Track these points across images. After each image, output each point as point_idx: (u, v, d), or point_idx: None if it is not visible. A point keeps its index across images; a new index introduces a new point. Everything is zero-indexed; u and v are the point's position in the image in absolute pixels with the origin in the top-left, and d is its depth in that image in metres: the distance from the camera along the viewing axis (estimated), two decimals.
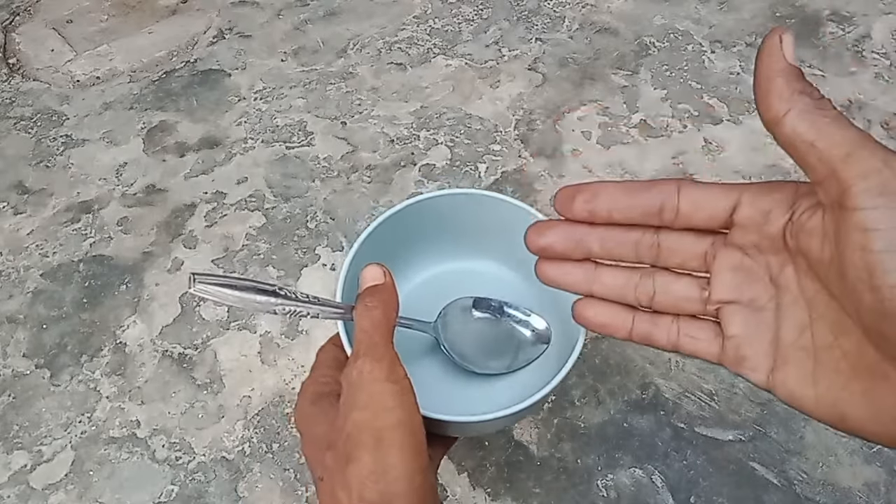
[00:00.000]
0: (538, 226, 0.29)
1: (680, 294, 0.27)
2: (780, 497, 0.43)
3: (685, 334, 0.27)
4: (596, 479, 0.45)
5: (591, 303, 0.29)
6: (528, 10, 0.79)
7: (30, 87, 0.75)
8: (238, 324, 0.53)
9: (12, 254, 0.59)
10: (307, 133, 0.67)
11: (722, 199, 0.25)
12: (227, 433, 0.48)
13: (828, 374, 0.23)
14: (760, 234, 0.24)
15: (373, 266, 0.31)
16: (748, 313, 0.25)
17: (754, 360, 0.25)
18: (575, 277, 0.29)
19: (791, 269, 0.24)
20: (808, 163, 0.21)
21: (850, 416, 0.22)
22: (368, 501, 0.25)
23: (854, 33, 0.73)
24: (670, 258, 0.27)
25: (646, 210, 0.26)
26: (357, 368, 0.27)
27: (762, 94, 0.22)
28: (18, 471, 0.47)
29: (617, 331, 0.28)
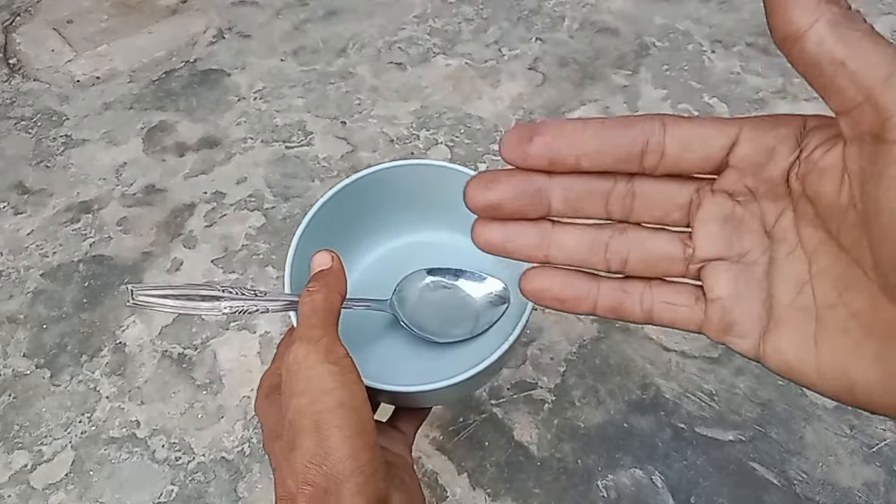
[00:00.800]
0: (483, 177, 0.22)
1: (659, 251, 0.22)
2: (780, 497, 0.43)
3: (660, 301, 0.23)
4: (596, 480, 0.45)
5: (543, 272, 0.23)
6: (528, 9, 0.79)
7: (30, 87, 0.75)
8: (238, 324, 0.53)
9: (12, 254, 0.59)
10: (307, 133, 0.67)
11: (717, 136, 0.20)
12: (226, 433, 0.48)
13: (833, 335, 0.19)
14: (758, 177, 0.21)
15: (321, 252, 0.31)
16: (737, 270, 0.21)
17: (743, 325, 0.21)
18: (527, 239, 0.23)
19: (790, 217, 0.20)
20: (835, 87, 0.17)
21: (859, 383, 0.19)
22: (313, 485, 0.25)
23: None
24: (646, 211, 0.22)
25: (624, 153, 0.21)
26: (293, 354, 0.27)
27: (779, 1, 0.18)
28: (19, 471, 0.47)
29: (579, 304, 0.23)
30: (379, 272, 0.41)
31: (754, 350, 0.21)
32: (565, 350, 0.50)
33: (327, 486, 0.25)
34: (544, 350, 0.50)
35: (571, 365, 0.50)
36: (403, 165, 0.38)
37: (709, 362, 0.49)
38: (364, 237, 0.41)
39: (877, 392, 0.19)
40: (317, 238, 0.35)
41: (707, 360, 0.49)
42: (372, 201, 0.39)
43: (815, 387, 0.20)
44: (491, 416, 0.48)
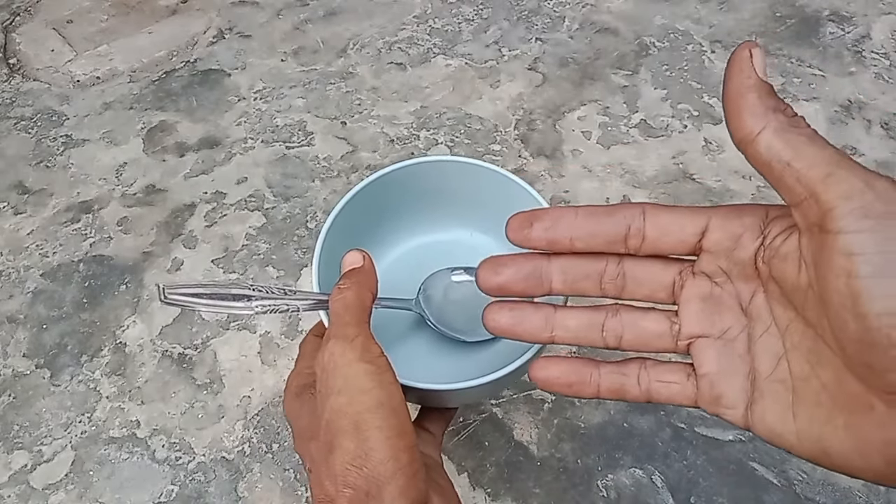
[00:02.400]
0: (491, 262, 0.26)
1: (650, 330, 0.26)
2: (780, 497, 0.43)
3: (656, 380, 0.26)
4: (596, 480, 0.45)
5: (549, 362, 0.27)
6: (528, 10, 0.79)
7: (30, 87, 0.75)
8: (238, 324, 0.53)
9: (12, 254, 0.59)
10: (307, 133, 0.67)
11: (690, 224, 0.23)
12: (226, 433, 0.48)
13: (807, 407, 0.21)
14: (730, 261, 0.23)
15: (352, 252, 0.31)
16: (720, 346, 0.24)
17: (730, 397, 0.23)
18: (533, 323, 0.26)
19: (762, 297, 0.23)
20: (784, 184, 0.20)
21: (833, 451, 0.20)
22: (354, 487, 0.24)
23: (854, 33, 0.73)
24: (637, 290, 0.25)
25: (610, 236, 0.24)
26: (328, 352, 0.26)
27: (733, 111, 0.20)
28: (18, 471, 0.47)
29: (584, 389, 0.26)
30: (401, 271, 0.41)
31: (743, 420, 0.23)
32: (565, 350, 0.50)
33: (368, 488, 0.24)
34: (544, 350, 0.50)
35: None
36: (424, 163, 0.38)
37: None
38: (386, 236, 0.40)
39: (852, 459, 0.20)
40: (341, 237, 0.35)
41: None
42: (393, 200, 0.38)
43: (796, 452, 0.22)
44: (491, 416, 0.48)
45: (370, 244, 0.37)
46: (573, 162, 0.63)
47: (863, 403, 0.19)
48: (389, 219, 0.40)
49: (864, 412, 0.19)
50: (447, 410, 0.36)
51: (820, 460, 0.21)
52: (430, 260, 0.40)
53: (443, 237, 0.42)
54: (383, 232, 0.40)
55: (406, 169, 0.37)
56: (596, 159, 0.63)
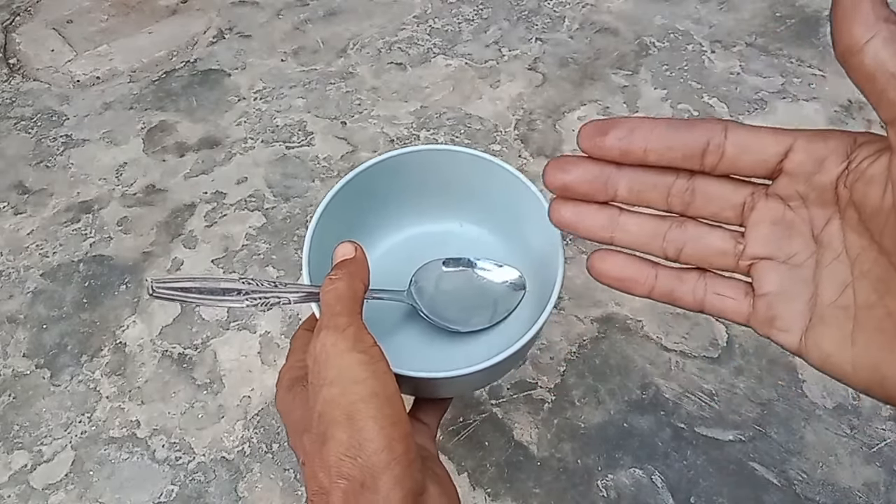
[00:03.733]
0: (560, 161, 0.25)
1: (713, 245, 0.25)
2: (780, 497, 0.43)
3: (713, 292, 0.25)
4: (596, 480, 0.45)
5: (609, 254, 0.26)
6: (528, 10, 0.79)
7: (30, 87, 0.75)
8: (238, 324, 0.53)
9: (12, 254, 0.59)
10: (307, 133, 0.67)
11: (773, 144, 0.23)
12: (227, 433, 0.48)
13: (869, 334, 0.21)
14: (809, 184, 0.22)
15: (344, 243, 0.31)
16: (784, 270, 0.23)
17: (787, 320, 0.23)
18: (596, 221, 0.26)
19: (837, 224, 0.22)
20: (885, 98, 0.19)
21: (891, 378, 0.20)
22: (349, 478, 0.24)
23: None
24: (704, 207, 0.24)
25: (687, 150, 0.23)
26: (320, 343, 0.26)
27: (842, 16, 0.19)
28: (19, 471, 0.47)
29: (637, 286, 0.26)
30: (392, 262, 0.40)
31: (796, 344, 0.23)
32: (565, 350, 0.50)
33: (363, 478, 0.24)
34: (544, 350, 0.50)
35: (571, 365, 0.50)
36: (412, 152, 0.37)
37: (709, 362, 0.49)
38: (376, 227, 0.40)
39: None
40: (331, 229, 0.35)
41: (707, 359, 0.49)
42: (383, 190, 0.38)
43: (849, 380, 0.21)
44: (491, 416, 0.48)
45: (360, 235, 0.37)
46: None
47: None
48: (379, 210, 0.40)
49: None
50: (442, 401, 0.36)
51: (874, 389, 0.21)
52: (421, 251, 0.40)
53: (433, 228, 0.42)
54: (373, 223, 0.40)
55: (395, 159, 0.37)
56: None
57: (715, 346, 0.50)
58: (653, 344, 0.50)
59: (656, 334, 0.51)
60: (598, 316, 0.52)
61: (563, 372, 0.49)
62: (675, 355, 0.50)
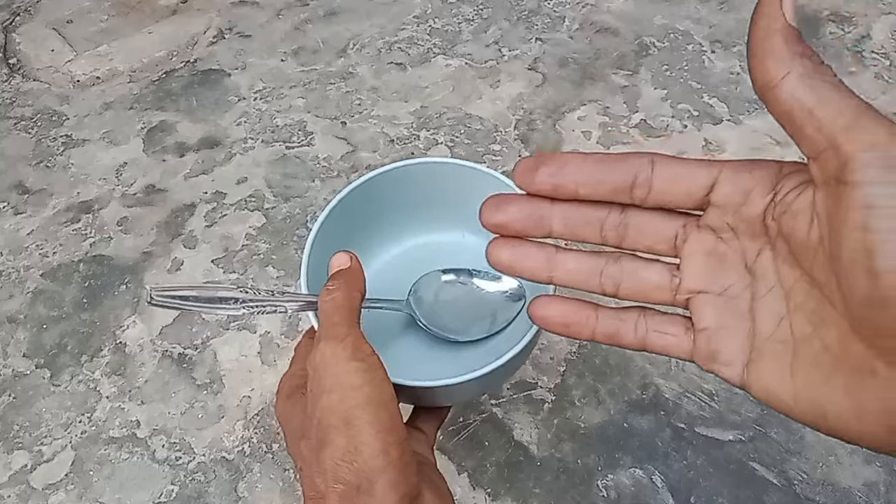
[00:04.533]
0: (494, 200, 0.26)
1: (649, 281, 0.25)
2: (780, 497, 0.43)
3: (653, 330, 0.25)
4: (596, 480, 0.45)
5: (550, 300, 0.26)
6: (528, 10, 0.79)
7: (30, 87, 0.75)
8: (238, 324, 0.53)
9: (12, 254, 0.59)
10: (307, 133, 0.67)
11: (700, 176, 0.22)
12: (227, 433, 0.48)
13: (807, 367, 0.21)
14: (738, 216, 0.22)
15: (339, 254, 0.31)
16: (721, 303, 0.23)
17: (728, 354, 0.23)
18: (534, 262, 0.26)
19: (769, 255, 0.22)
20: (804, 134, 0.19)
21: (831, 413, 0.20)
22: (345, 483, 0.24)
23: (854, 33, 0.73)
24: (637, 240, 0.25)
25: (616, 185, 0.23)
26: (320, 352, 0.27)
27: (758, 54, 0.19)
28: (19, 471, 0.47)
29: (580, 331, 0.26)
30: (392, 274, 0.41)
31: (739, 378, 0.23)
32: (565, 350, 0.50)
33: (359, 483, 0.24)
34: (544, 350, 0.50)
35: (571, 365, 0.50)
36: (415, 164, 0.38)
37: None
38: (376, 238, 0.41)
39: (850, 423, 0.19)
40: (330, 239, 0.35)
41: None
42: (384, 201, 0.39)
43: (792, 413, 0.21)
44: (491, 416, 0.48)
45: (361, 247, 0.37)
46: None
47: (865, 367, 0.19)
48: (380, 221, 0.40)
49: (866, 376, 0.19)
50: (440, 410, 0.36)
51: (816, 423, 0.21)
52: (421, 262, 0.40)
53: (435, 239, 0.42)
54: (374, 234, 0.40)
55: (395, 171, 0.38)
56: None
57: None
58: None
59: None
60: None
61: (563, 372, 0.49)
62: None
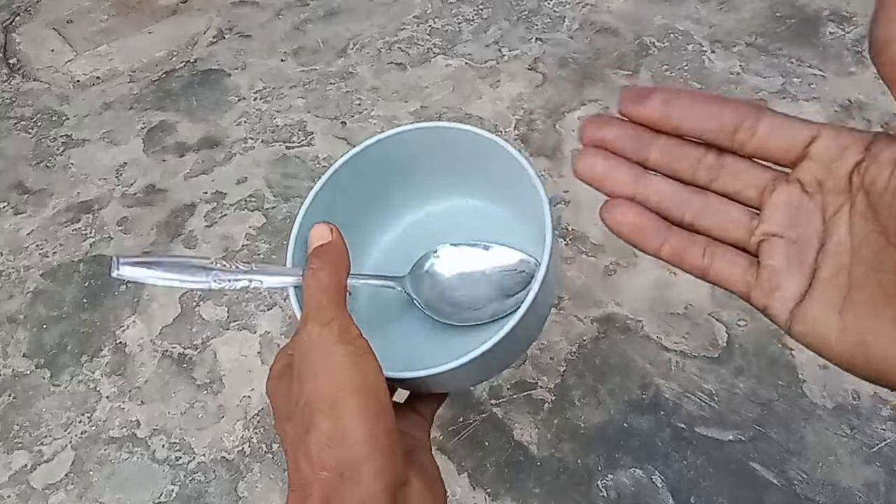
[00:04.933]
0: (598, 118, 0.26)
1: (729, 214, 0.26)
2: (780, 497, 0.43)
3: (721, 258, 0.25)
4: (596, 480, 0.45)
5: (625, 205, 0.26)
6: (528, 10, 0.79)
7: (30, 87, 0.75)
8: (238, 324, 0.53)
9: (12, 254, 0.59)
10: (307, 133, 0.67)
11: (802, 129, 0.24)
12: (227, 433, 0.48)
13: (857, 304, 0.22)
14: (828, 171, 0.24)
15: (319, 225, 0.30)
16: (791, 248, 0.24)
17: (785, 291, 0.24)
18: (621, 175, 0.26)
19: (846, 211, 0.23)
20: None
21: (874, 347, 0.21)
22: (329, 469, 0.24)
23: (854, 33, 0.73)
24: (729, 183, 0.25)
25: (722, 126, 0.24)
26: (306, 334, 0.26)
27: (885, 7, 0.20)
28: (19, 471, 0.47)
29: (649, 241, 0.26)
30: (401, 247, 0.38)
31: (786, 314, 0.24)
32: (565, 350, 0.50)
33: (343, 469, 0.24)
34: (544, 350, 0.50)
35: (571, 365, 0.50)
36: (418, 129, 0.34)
37: (709, 362, 0.49)
38: (381, 211, 0.38)
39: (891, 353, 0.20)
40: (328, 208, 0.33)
41: (707, 360, 0.49)
42: (386, 170, 0.36)
43: (830, 350, 0.22)
44: (491, 416, 0.48)
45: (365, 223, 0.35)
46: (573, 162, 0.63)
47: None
48: (383, 192, 0.37)
49: None
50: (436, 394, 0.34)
51: (856, 358, 0.22)
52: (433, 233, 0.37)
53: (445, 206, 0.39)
54: (377, 208, 0.37)
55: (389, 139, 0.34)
56: None
57: (715, 346, 0.50)
58: (653, 344, 0.50)
59: (656, 334, 0.51)
60: (598, 316, 0.52)
61: (563, 372, 0.49)
62: (675, 355, 0.50)
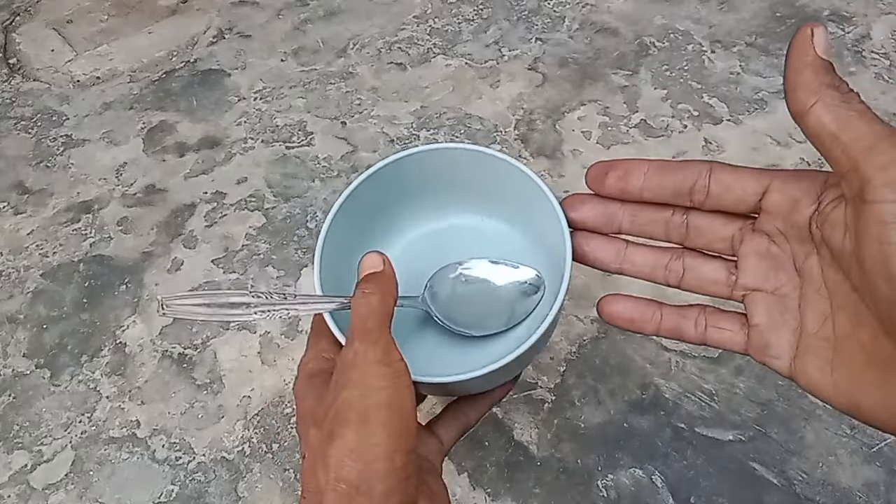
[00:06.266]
0: (572, 199, 0.30)
1: (709, 276, 0.28)
2: (780, 497, 0.43)
3: (712, 325, 0.28)
4: (596, 480, 0.45)
5: (618, 298, 0.29)
6: (528, 10, 0.79)
7: (30, 87, 0.75)
8: (238, 324, 0.53)
9: (12, 254, 0.59)
10: (307, 133, 0.67)
11: (752, 184, 0.25)
12: (227, 433, 0.48)
13: (845, 363, 0.23)
14: (787, 222, 0.25)
15: (372, 254, 0.31)
16: (773, 301, 0.26)
17: (778, 348, 0.25)
18: (606, 253, 0.30)
19: (815, 259, 0.24)
20: (832, 156, 0.21)
21: (864, 405, 0.22)
22: (346, 481, 0.25)
23: (854, 33, 0.73)
24: (698, 239, 0.28)
25: (676, 189, 0.26)
26: (353, 350, 0.27)
27: (791, 85, 0.22)
28: (19, 471, 0.47)
29: (645, 325, 0.29)
30: (407, 264, 0.39)
31: (787, 369, 0.25)
32: (565, 350, 0.50)
33: (359, 484, 0.25)
34: (544, 350, 0.50)
35: (571, 365, 0.50)
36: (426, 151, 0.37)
37: (708, 362, 0.49)
38: (387, 229, 0.40)
39: (881, 414, 0.22)
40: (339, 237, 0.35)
41: (707, 359, 0.49)
42: (394, 191, 0.38)
43: (832, 403, 0.24)
44: (491, 416, 0.48)
45: (371, 241, 0.37)
46: (573, 162, 0.63)
47: (892, 363, 0.21)
48: (390, 211, 0.39)
49: (893, 371, 0.21)
50: (464, 419, 0.36)
51: (852, 412, 0.23)
52: (436, 250, 0.39)
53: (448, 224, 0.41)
54: (384, 226, 0.40)
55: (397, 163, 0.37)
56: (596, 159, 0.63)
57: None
58: (653, 344, 0.50)
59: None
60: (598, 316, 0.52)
61: (563, 372, 0.49)
62: (675, 355, 0.50)
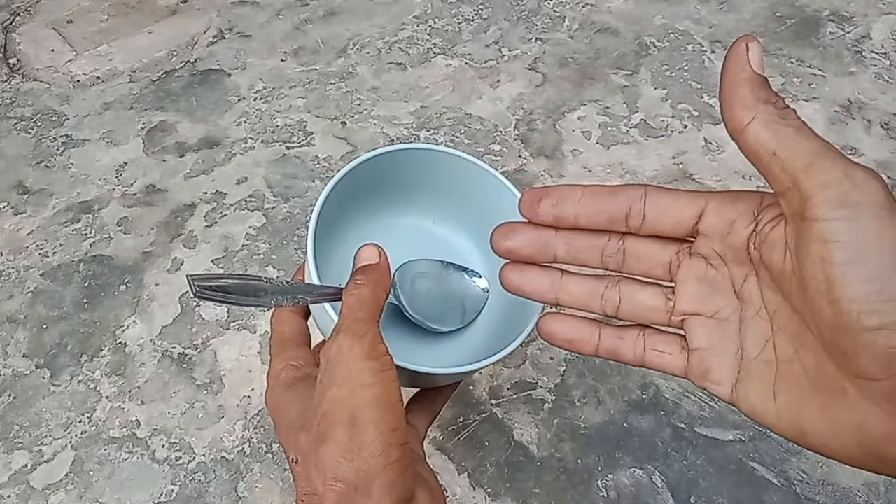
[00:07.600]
0: (504, 228, 0.28)
1: (645, 303, 0.27)
2: (780, 497, 0.43)
3: (651, 348, 0.27)
4: (596, 480, 0.45)
5: (557, 318, 0.28)
6: (528, 10, 0.79)
7: (30, 87, 0.75)
8: (238, 324, 0.53)
9: (12, 254, 0.59)
10: (307, 133, 0.67)
11: (687, 207, 0.24)
12: (227, 433, 0.48)
13: (788, 388, 0.22)
14: (724, 245, 0.24)
15: (368, 247, 0.31)
16: (712, 325, 0.25)
17: (718, 373, 0.24)
18: (541, 285, 0.28)
19: (754, 281, 0.23)
20: (770, 173, 0.21)
21: (809, 431, 0.22)
22: (343, 480, 0.25)
23: (854, 33, 0.73)
24: (635, 265, 0.27)
25: (612, 215, 0.26)
26: (337, 344, 0.27)
27: (726, 102, 0.21)
28: (18, 471, 0.47)
29: (584, 346, 0.28)
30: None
31: (729, 396, 0.24)
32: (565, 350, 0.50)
33: (357, 482, 0.25)
34: (544, 350, 0.50)
35: (571, 365, 0.50)
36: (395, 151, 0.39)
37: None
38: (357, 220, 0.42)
39: (826, 441, 0.21)
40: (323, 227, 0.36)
41: None
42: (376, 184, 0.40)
43: (776, 430, 0.23)
44: (491, 416, 0.48)
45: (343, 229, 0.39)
46: (573, 162, 0.63)
47: (837, 387, 0.20)
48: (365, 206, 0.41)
49: (839, 396, 0.20)
50: (432, 407, 0.37)
51: (797, 440, 0.22)
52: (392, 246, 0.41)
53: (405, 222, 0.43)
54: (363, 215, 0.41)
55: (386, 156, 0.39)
56: (596, 159, 0.63)
57: None
58: None
59: None
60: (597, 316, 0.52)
61: (563, 372, 0.49)
62: None
